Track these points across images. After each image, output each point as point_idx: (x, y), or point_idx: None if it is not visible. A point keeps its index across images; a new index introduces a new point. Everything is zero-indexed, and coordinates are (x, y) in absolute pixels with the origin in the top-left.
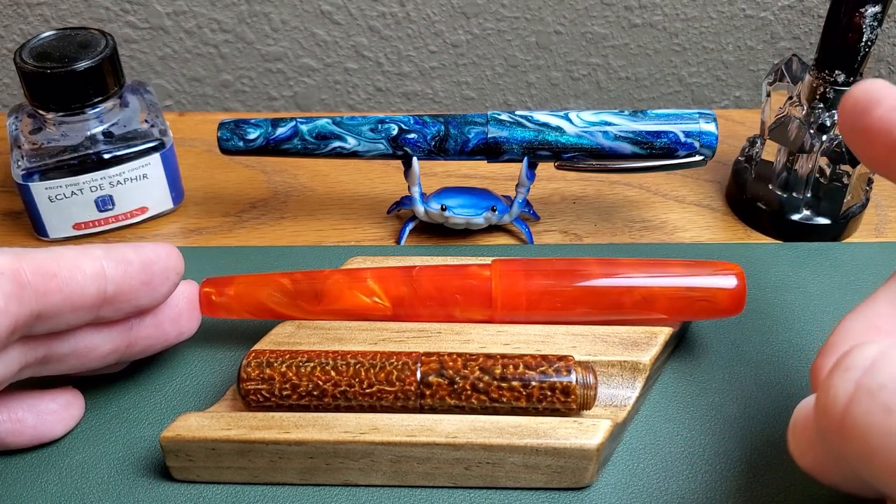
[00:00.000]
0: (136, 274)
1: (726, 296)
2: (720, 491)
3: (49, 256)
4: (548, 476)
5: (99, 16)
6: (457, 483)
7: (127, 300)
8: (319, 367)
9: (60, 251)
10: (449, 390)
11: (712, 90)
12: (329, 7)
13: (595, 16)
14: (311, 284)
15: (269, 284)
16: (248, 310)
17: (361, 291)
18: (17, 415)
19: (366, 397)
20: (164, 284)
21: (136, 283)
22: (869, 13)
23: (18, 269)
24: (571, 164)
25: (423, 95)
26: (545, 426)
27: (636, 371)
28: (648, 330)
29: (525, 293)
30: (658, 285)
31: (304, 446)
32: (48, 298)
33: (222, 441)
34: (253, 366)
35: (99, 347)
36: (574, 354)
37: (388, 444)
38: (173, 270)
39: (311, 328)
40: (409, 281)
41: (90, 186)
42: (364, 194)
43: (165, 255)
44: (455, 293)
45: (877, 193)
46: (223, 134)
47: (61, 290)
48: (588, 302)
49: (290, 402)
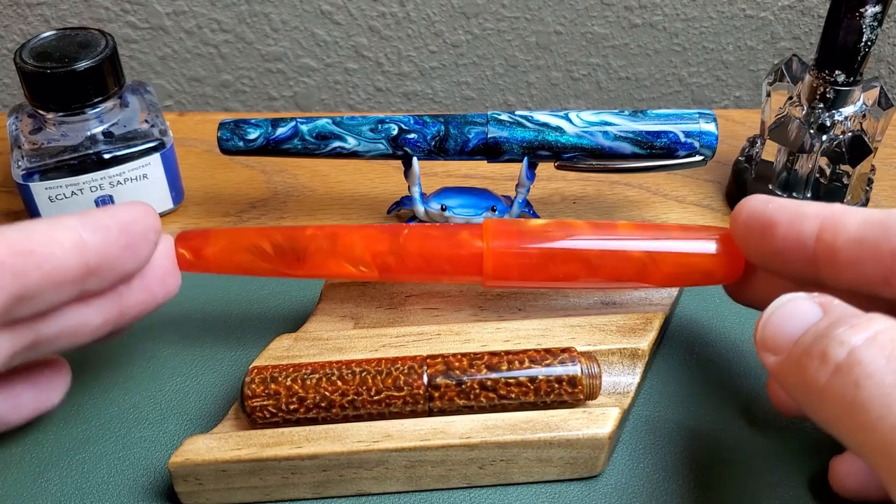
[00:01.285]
0: (115, 239)
1: (724, 261)
2: (726, 465)
3: (22, 233)
4: (560, 468)
5: (99, 16)
6: (471, 483)
7: (111, 268)
8: (325, 378)
9: (32, 226)
10: (457, 391)
11: (712, 90)
12: (329, 7)
13: (595, 16)
14: (292, 247)
15: (248, 247)
16: (226, 270)
17: (346, 259)
18: (13, 389)
19: (374, 405)
20: (146, 246)
21: (118, 248)
22: (869, 13)
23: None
24: (571, 164)
25: (423, 95)
26: (556, 419)
27: (636, 357)
28: (643, 316)
29: (517, 266)
30: (655, 250)
31: (318, 460)
32: (27, 278)
33: (233, 462)
34: (257, 382)
35: (89, 322)
36: (575, 346)
37: (402, 450)
38: (152, 229)
39: (309, 340)
40: (397, 248)
41: (90, 186)
42: (364, 194)
43: (143, 215)
44: (443, 263)
45: (877, 193)
46: (223, 134)
47: (40, 267)
48: (583, 268)
49: (298, 416)
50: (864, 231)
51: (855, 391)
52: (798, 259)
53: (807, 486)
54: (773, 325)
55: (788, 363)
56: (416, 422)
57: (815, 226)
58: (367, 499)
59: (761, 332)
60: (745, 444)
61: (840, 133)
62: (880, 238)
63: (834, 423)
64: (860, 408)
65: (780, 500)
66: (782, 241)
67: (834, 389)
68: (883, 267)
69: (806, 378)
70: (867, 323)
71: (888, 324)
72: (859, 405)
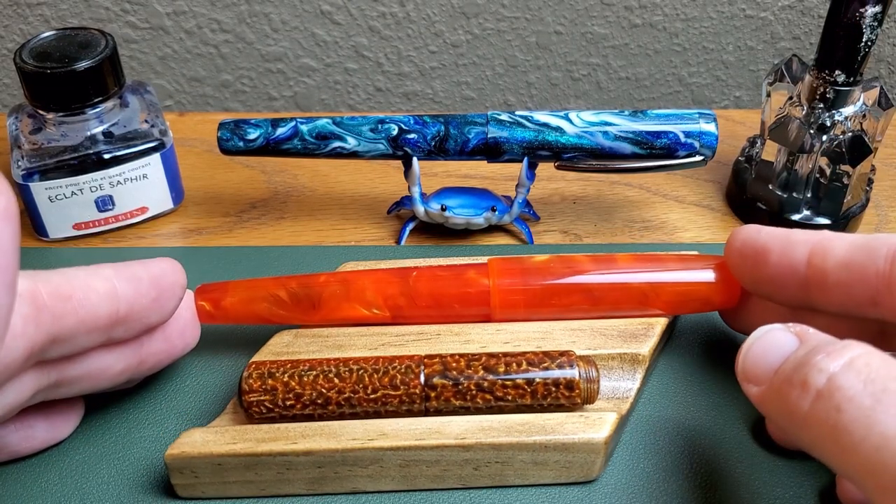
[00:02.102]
0: (146, 291)
1: (722, 289)
2: (726, 473)
3: (63, 278)
4: (556, 471)
5: (99, 16)
6: (466, 484)
7: (138, 318)
8: (322, 375)
9: (72, 272)
10: (454, 391)
11: (712, 90)
12: (329, 7)
13: (595, 16)
14: (307, 295)
15: (265, 297)
16: (244, 320)
17: (360, 303)
18: (27, 420)
19: (370, 403)
20: (172, 300)
21: (147, 300)
22: (869, 13)
23: (36, 292)
24: (571, 164)
25: (423, 95)
26: (553, 422)
27: (636, 363)
28: (645, 321)
29: (522, 300)
30: (654, 281)
31: (313, 456)
32: (64, 321)
33: (228, 455)
34: (254, 377)
35: (111, 368)
36: (574, 349)
37: (397, 448)
38: (178, 284)
39: (309, 336)
40: (407, 290)
41: (90, 186)
42: (364, 194)
43: (171, 270)
44: (453, 302)
45: (877, 193)
46: (223, 134)
47: (76, 312)
48: (585, 300)
49: (294, 413)
50: (852, 254)
51: (837, 416)
52: (790, 284)
53: (806, 486)
54: (753, 357)
55: (770, 393)
56: (411, 421)
57: (806, 251)
58: (361, 497)
59: (742, 364)
60: (745, 446)
61: (840, 133)
62: (866, 260)
63: (819, 448)
64: (843, 431)
65: (780, 501)
66: (775, 268)
67: (816, 415)
68: (870, 288)
69: (789, 406)
70: (843, 350)
71: (863, 349)
72: (842, 429)
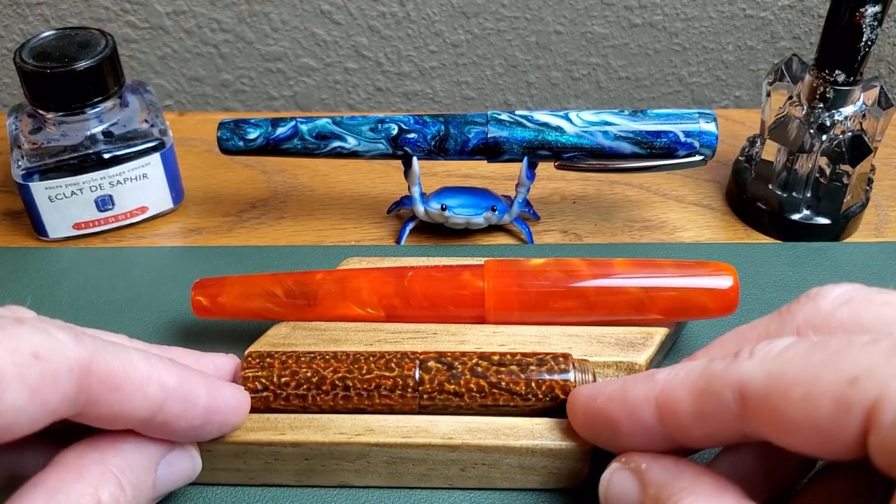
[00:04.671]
0: (192, 417)
1: (719, 296)
2: None
3: (119, 362)
4: (543, 477)
5: (99, 16)
6: (453, 484)
7: (163, 432)
8: (319, 356)
9: (135, 360)
10: (448, 375)
11: (712, 90)
12: (329, 7)
13: (595, 16)
14: (302, 292)
15: (261, 293)
16: (240, 315)
17: (354, 302)
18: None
19: (364, 383)
20: (213, 434)
21: (186, 424)
22: (869, 13)
23: (88, 371)
24: (571, 164)
25: (423, 95)
26: (541, 427)
27: (632, 372)
28: (644, 330)
29: (517, 303)
30: (651, 286)
31: (300, 448)
32: (97, 408)
33: (218, 442)
34: (253, 356)
35: None
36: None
37: (383, 445)
38: (229, 425)
39: (307, 329)
40: (402, 290)
41: (90, 186)
42: (364, 194)
43: (233, 409)
44: (447, 303)
45: (877, 193)
46: (223, 134)
47: (112, 406)
48: (581, 304)
49: (288, 392)
50: (700, 406)
51: None
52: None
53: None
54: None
55: None
56: (400, 418)
57: (653, 412)
58: (349, 491)
59: None
60: None
61: (840, 133)
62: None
63: None
64: None
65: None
66: (631, 436)
67: None
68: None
69: None
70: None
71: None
72: None
